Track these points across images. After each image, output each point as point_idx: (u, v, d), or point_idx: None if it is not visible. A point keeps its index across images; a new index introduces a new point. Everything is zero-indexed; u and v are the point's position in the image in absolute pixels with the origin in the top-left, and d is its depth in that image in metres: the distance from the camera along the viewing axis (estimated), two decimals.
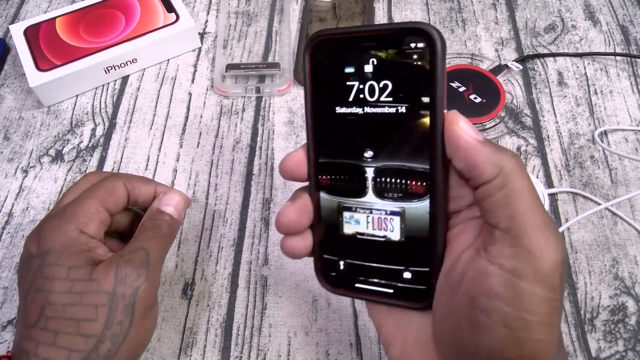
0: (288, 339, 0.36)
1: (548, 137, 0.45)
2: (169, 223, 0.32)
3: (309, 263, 0.39)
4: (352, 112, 0.24)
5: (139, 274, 0.29)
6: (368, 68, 0.24)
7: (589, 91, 0.48)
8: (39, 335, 0.27)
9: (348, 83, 0.24)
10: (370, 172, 0.25)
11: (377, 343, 0.35)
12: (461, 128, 0.22)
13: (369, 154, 0.24)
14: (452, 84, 0.47)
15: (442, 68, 0.22)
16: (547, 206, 0.40)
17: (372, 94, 0.24)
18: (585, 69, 0.50)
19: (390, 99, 0.23)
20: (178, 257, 0.40)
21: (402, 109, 0.23)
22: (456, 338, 0.22)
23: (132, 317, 0.28)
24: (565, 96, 0.48)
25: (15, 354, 0.27)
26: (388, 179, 0.24)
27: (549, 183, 0.43)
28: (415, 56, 0.22)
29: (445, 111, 0.23)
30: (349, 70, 0.24)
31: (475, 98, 0.46)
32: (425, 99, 0.22)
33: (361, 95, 0.24)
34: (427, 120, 0.22)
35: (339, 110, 0.25)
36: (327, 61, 0.25)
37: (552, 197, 0.42)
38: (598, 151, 0.44)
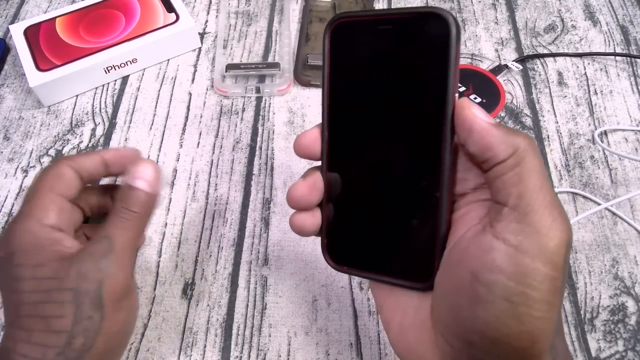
0: (288, 339, 0.36)
1: (548, 137, 0.45)
2: (141, 200, 0.30)
3: (308, 263, 0.39)
4: (368, 93, 0.25)
5: (100, 268, 0.27)
6: (385, 51, 0.24)
7: (589, 91, 0.48)
8: (16, 334, 0.27)
9: (365, 65, 0.24)
10: (381, 153, 0.25)
11: (377, 343, 0.35)
12: (474, 112, 0.22)
13: (381, 135, 0.25)
14: None
15: (455, 53, 0.22)
16: None
17: (387, 76, 0.24)
18: (585, 69, 0.50)
19: (405, 81, 0.24)
20: (178, 257, 0.40)
21: (415, 92, 0.23)
22: (454, 314, 0.22)
23: (102, 311, 0.27)
24: (565, 96, 0.48)
25: (0, 351, 0.27)
26: (397, 160, 0.25)
27: None
28: (430, 41, 0.23)
29: (456, 96, 0.23)
30: (367, 52, 0.24)
31: (475, 98, 0.46)
32: (438, 83, 0.23)
33: (377, 78, 0.24)
34: (438, 104, 0.23)
35: (354, 91, 0.25)
36: (345, 43, 0.25)
37: None
38: (598, 151, 0.44)
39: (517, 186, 0.21)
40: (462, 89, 0.46)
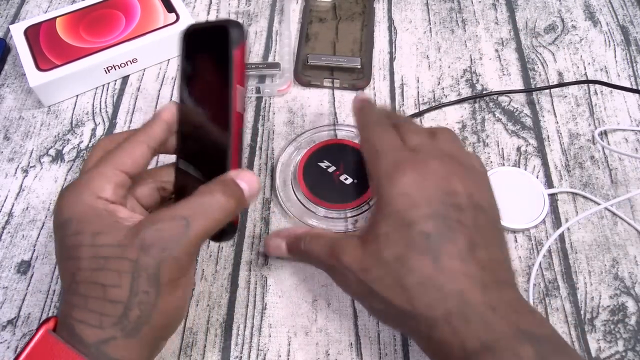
0: (288, 339, 0.36)
1: (548, 137, 0.45)
2: (238, 198, 0.29)
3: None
4: (195, 86, 0.32)
5: (164, 248, 0.26)
6: (197, 53, 0.31)
7: (589, 91, 0.48)
8: (73, 299, 0.26)
9: (193, 65, 0.32)
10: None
11: (377, 343, 0.36)
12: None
13: (204, 111, 0.32)
14: (320, 163, 0.42)
15: (237, 55, 0.28)
16: (547, 206, 0.40)
17: (204, 74, 0.31)
18: (585, 69, 0.50)
19: (211, 77, 0.30)
20: None
21: (214, 83, 0.30)
22: None
23: (158, 288, 0.26)
24: (565, 96, 0.48)
25: (59, 317, 0.27)
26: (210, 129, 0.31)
27: (549, 183, 0.43)
28: (218, 44, 0.29)
29: (237, 86, 0.29)
30: (198, 53, 0.31)
31: (346, 179, 0.41)
32: (224, 76, 0.29)
33: (197, 74, 0.32)
34: (226, 91, 0.29)
35: (190, 85, 0.32)
36: (189, 47, 0.32)
37: (552, 197, 0.42)
38: (598, 151, 0.44)
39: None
40: (332, 168, 0.37)
